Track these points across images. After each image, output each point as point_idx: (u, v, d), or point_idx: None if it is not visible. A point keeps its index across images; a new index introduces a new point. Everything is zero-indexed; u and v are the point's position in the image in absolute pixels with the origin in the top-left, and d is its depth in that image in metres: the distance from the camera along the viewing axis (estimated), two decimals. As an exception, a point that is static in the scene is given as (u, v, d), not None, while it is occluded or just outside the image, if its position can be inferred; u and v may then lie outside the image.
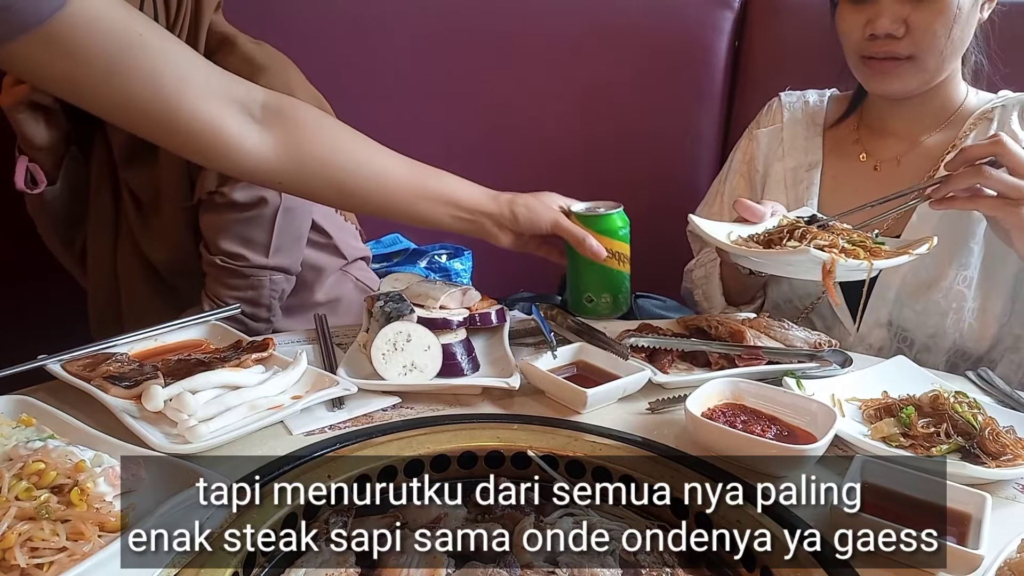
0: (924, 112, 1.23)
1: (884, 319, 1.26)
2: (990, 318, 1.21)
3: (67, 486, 0.71)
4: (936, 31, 1.13)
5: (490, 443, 0.86)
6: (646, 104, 1.83)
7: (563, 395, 0.98)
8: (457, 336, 1.06)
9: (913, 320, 1.24)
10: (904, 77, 1.18)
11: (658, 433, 0.92)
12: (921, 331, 1.24)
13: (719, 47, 1.79)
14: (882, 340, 1.26)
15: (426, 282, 1.18)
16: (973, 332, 1.22)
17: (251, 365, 0.98)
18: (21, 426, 0.83)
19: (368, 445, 0.86)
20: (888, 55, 1.16)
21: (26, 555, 0.64)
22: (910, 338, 1.24)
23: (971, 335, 1.23)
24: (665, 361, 1.08)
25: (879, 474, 0.80)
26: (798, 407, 0.93)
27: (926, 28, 1.13)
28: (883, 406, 0.96)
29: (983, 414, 0.91)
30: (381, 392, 0.98)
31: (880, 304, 1.25)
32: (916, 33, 1.13)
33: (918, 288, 1.23)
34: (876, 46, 1.16)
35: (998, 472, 0.84)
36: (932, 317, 1.23)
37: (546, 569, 0.69)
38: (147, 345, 1.06)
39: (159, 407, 0.87)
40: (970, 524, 0.74)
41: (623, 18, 1.81)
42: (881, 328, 1.26)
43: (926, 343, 1.24)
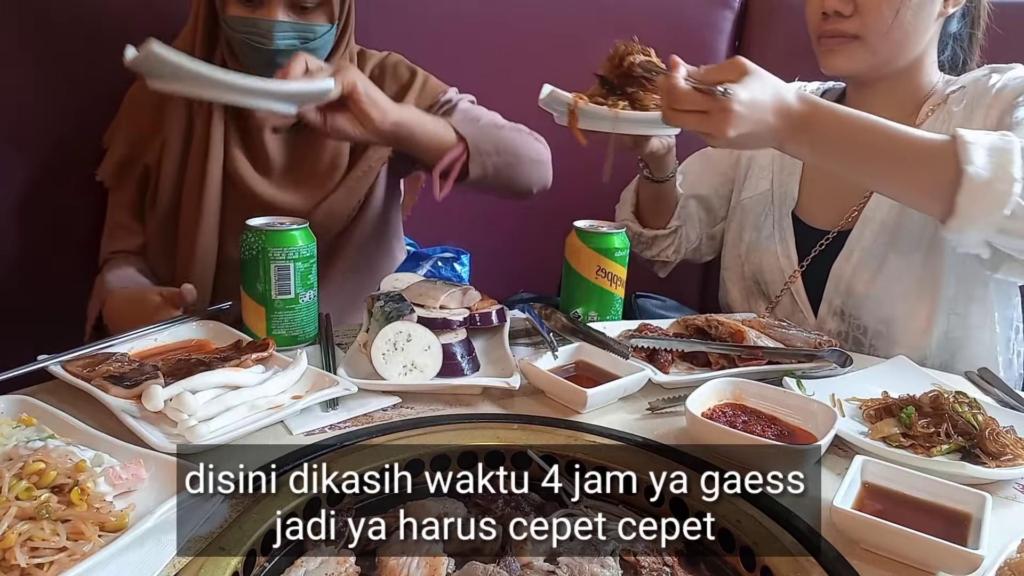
0: (892, 99, 1.24)
1: (838, 307, 1.28)
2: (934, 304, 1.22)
3: (67, 486, 0.71)
4: (882, 11, 1.15)
5: (490, 443, 0.86)
6: (646, 104, 1.83)
7: (563, 395, 0.98)
8: (457, 336, 1.06)
9: (864, 308, 1.25)
10: (851, 55, 1.20)
11: (658, 433, 0.92)
12: (872, 319, 1.25)
13: (719, 47, 1.79)
14: (838, 327, 1.28)
15: (426, 282, 1.18)
16: (919, 319, 1.23)
17: (251, 365, 0.98)
18: (21, 426, 0.83)
19: (368, 445, 0.86)
20: (836, 33, 1.19)
21: (26, 555, 0.64)
22: (863, 326, 1.26)
23: (916, 323, 1.23)
24: (665, 361, 1.08)
25: (879, 474, 0.80)
26: (798, 407, 0.93)
27: (872, 7, 1.16)
28: (883, 406, 0.96)
29: (983, 414, 0.91)
30: (381, 392, 0.98)
31: (834, 292, 1.28)
32: (864, 12, 1.16)
33: (866, 276, 1.25)
34: (828, 24, 1.20)
35: (998, 472, 0.84)
36: (882, 304, 1.24)
37: (546, 568, 0.69)
38: (147, 345, 1.06)
39: (159, 407, 0.87)
40: (970, 524, 0.74)
41: (623, 18, 1.80)
42: (836, 316, 1.28)
43: (879, 330, 1.25)
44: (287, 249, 1.06)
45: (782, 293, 1.33)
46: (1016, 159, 0.94)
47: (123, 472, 0.75)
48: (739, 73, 0.94)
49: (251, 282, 1.08)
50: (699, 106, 0.94)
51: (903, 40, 1.18)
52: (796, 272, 1.31)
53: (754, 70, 0.96)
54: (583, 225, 1.22)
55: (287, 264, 1.06)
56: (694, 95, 0.94)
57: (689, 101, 0.94)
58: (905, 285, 1.22)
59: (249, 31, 1.22)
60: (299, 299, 1.09)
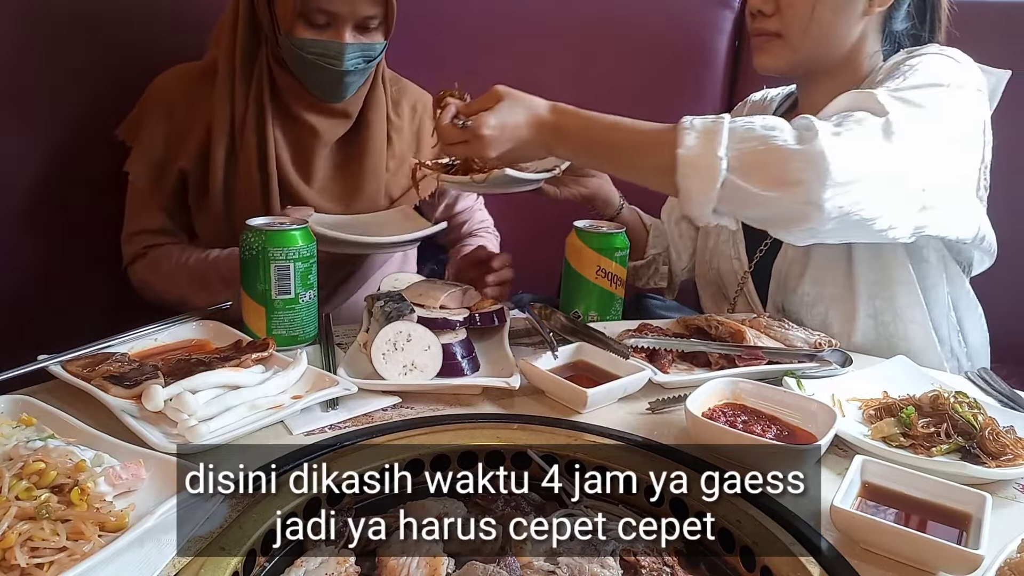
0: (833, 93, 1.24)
1: (780, 303, 1.31)
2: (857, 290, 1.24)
3: (67, 486, 0.71)
4: (797, 9, 1.18)
5: (490, 443, 0.86)
6: (646, 103, 1.82)
7: (563, 395, 0.98)
8: (457, 336, 1.06)
9: (800, 301, 1.28)
10: (775, 53, 1.23)
11: (658, 433, 0.92)
12: (807, 312, 1.28)
13: (719, 46, 1.79)
14: None
15: (426, 282, 1.18)
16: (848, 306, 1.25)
17: (251, 365, 0.98)
18: (21, 426, 0.83)
19: (368, 445, 0.86)
20: (761, 32, 1.23)
21: (26, 555, 0.64)
22: (801, 320, 1.27)
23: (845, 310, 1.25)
24: (665, 361, 1.08)
25: (879, 474, 0.80)
26: (798, 407, 0.93)
27: (789, 5, 1.19)
28: (883, 406, 0.96)
29: (983, 414, 0.91)
30: (381, 392, 0.98)
31: (776, 290, 1.31)
32: (783, 11, 1.20)
33: (797, 270, 1.27)
34: (755, 23, 1.24)
35: (998, 472, 0.84)
36: (812, 296, 1.27)
37: (546, 568, 0.69)
38: (147, 345, 1.06)
39: (159, 407, 0.87)
40: (970, 524, 0.74)
41: (623, 18, 1.81)
42: (780, 313, 1.30)
43: (814, 322, 1.27)
44: (287, 249, 1.06)
45: (737, 295, 1.36)
46: (722, 140, 0.98)
47: (123, 472, 0.75)
48: (494, 101, 1.06)
49: (251, 282, 1.08)
50: (461, 138, 1.06)
51: (823, 37, 1.20)
52: (746, 273, 1.35)
53: (507, 94, 1.07)
54: (583, 225, 1.22)
55: (287, 264, 1.06)
56: (453, 130, 1.07)
57: (453, 136, 1.07)
58: (831, 275, 1.25)
59: (319, 53, 1.25)
60: (299, 299, 1.09)
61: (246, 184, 1.34)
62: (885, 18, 1.23)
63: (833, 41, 1.21)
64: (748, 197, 0.98)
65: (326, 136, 1.36)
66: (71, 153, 1.46)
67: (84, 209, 1.47)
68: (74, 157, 1.46)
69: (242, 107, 1.32)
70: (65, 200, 1.47)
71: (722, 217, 1.02)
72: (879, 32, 1.24)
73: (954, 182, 1.10)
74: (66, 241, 1.49)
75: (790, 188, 0.97)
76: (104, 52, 1.47)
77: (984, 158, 1.18)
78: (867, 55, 1.24)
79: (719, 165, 0.97)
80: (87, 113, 1.46)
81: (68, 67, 1.44)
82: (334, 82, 1.29)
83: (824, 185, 0.96)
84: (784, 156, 0.97)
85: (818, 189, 0.96)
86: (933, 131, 1.06)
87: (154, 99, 1.36)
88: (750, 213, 1.04)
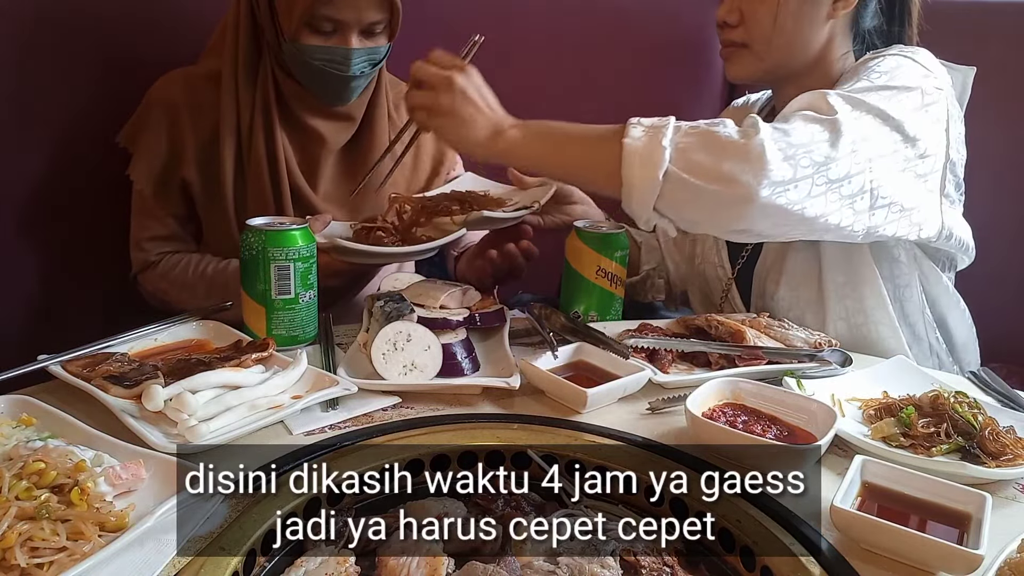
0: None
1: (760, 308, 1.31)
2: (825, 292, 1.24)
3: (67, 486, 0.71)
4: (760, 19, 1.20)
5: (490, 443, 0.86)
6: (645, 102, 1.80)
7: (563, 395, 0.98)
8: (457, 336, 1.06)
9: (777, 307, 1.28)
10: (741, 63, 1.25)
11: (658, 433, 0.92)
12: (784, 315, 1.27)
13: (719, 45, 1.79)
14: None
15: (426, 282, 1.18)
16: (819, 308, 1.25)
17: (251, 365, 0.98)
18: (21, 426, 0.83)
19: (368, 445, 0.86)
20: (728, 42, 1.25)
21: (26, 555, 0.64)
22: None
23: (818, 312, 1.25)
24: (665, 361, 1.08)
25: (879, 474, 0.80)
26: (798, 407, 0.93)
27: (751, 15, 1.20)
28: (883, 406, 0.96)
29: (983, 414, 0.92)
30: (381, 392, 0.98)
31: (757, 295, 1.32)
32: (747, 21, 1.21)
33: (775, 275, 1.28)
34: (722, 34, 1.25)
35: (998, 472, 0.84)
36: (788, 300, 1.27)
37: (546, 568, 0.69)
38: (147, 345, 1.06)
39: (159, 407, 0.87)
40: (970, 524, 0.74)
41: (622, 16, 1.81)
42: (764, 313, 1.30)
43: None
44: (287, 249, 1.06)
45: (722, 301, 1.37)
46: (668, 132, 1.00)
47: (123, 472, 0.75)
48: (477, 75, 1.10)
49: (251, 282, 1.08)
50: (432, 79, 1.08)
51: (787, 45, 1.21)
52: (730, 280, 1.36)
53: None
54: (583, 225, 1.22)
55: (287, 264, 1.06)
56: (430, 69, 1.09)
57: (425, 72, 1.09)
58: (804, 279, 1.25)
59: (326, 59, 1.26)
60: (299, 299, 1.09)
61: (257, 192, 1.34)
62: (854, 18, 1.23)
63: (798, 47, 1.22)
64: (688, 191, 0.99)
65: (332, 142, 1.37)
66: (71, 154, 1.46)
67: (84, 210, 1.47)
68: (74, 158, 1.46)
69: (248, 115, 1.32)
70: (65, 200, 1.47)
71: (663, 218, 1.03)
72: (848, 32, 1.24)
73: (909, 182, 1.10)
74: (66, 241, 1.49)
75: (728, 183, 0.98)
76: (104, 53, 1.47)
77: (948, 157, 1.17)
78: (837, 57, 1.24)
79: (663, 154, 0.99)
80: (87, 114, 1.46)
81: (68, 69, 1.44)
82: (340, 87, 1.30)
83: (760, 182, 0.97)
84: (724, 150, 0.99)
85: (755, 185, 0.97)
86: (881, 132, 1.06)
87: (155, 105, 1.35)
88: (690, 214, 1.04)
